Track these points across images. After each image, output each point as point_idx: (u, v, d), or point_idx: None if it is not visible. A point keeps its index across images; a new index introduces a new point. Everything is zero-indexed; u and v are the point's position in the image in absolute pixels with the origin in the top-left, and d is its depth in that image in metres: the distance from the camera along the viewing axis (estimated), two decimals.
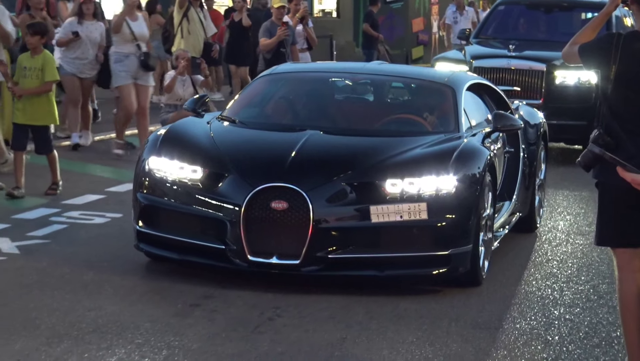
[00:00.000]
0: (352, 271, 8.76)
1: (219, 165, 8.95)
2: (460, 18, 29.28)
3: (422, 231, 8.73)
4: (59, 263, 9.26)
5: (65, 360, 7.16)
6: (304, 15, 19.74)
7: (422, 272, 8.81)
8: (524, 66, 17.08)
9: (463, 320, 8.41)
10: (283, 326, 7.95)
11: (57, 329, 7.80)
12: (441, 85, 10.65)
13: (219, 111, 10.65)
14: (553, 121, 15.86)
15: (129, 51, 15.99)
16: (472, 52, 17.91)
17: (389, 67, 12.28)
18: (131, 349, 7.38)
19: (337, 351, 7.49)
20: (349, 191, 8.75)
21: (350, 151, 9.34)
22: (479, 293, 9.20)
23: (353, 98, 11.24)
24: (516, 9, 19.68)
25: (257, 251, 8.53)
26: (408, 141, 9.49)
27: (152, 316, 8.07)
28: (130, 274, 9.25)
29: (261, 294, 8.69)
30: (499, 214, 10.18)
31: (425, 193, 8.69)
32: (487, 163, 9.20)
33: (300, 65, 14.05)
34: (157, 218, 9.09)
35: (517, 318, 8.62)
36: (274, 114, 10.52)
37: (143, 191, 9.16)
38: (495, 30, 19.11)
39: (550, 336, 8.19)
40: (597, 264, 10.44)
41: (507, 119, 10.20)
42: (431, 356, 7.54)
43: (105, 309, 8.28)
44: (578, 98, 16.75)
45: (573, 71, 16.64)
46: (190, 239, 8.86)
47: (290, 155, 8.96)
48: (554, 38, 17.75)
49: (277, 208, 8.49)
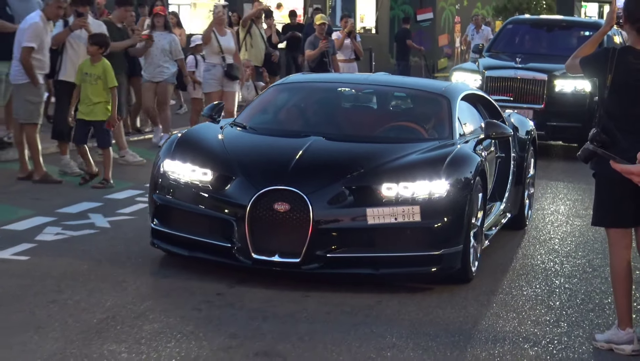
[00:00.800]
0: (349, 269, 8.08)
1: (227, 168, 8.31)
2: (476, 35, 29.40)
3: (415, 232, 8.06)
4: (143, 235, 9.24)
5: (147, 316, 7.16)
6: (351, 30, 19.96)
7: (416, 270, 8.12)
8: (528, 76, 16.92)
9: (479, 287, 8.41)
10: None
11: (141, 290, 7.83)
12: (437, 95, 9.90)
13: (233, 118, 10.03)
14: (553, 123, 16.61)
15: (216, 62, 15.94)
16: (485, 64, 17.74)
17: (390, 78, 11.34)
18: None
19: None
20: (348, 194, 8.08)
21: (350, 157, 8.61)
22: (493, 266, 9.17)
23: (355, 107, 10.53)
24: (522, 28, 19.69)
25: (260, 249, 7.92)
26: (404, 147, 8.78)
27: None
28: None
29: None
30: (490, 215, 9.53)
31: (418, 197, 8.02)
32: (478, 168, 8.52)
33: (309, 76, 13.08)
34: (170, 216, 8.48)
35: (524, 286, 8.60)
36: (282, 121, 9.80)
37: (158, 191, 8.55)
38: (505, 46, 19.01)
39: (552, 302, 8.16)
40: (592, 242, 10.39)
41: (498, 127, 9.46)
42: (451, 317, 7.55)
43: (182, 276, 8.29)
44: (574, 103, 16.69)
45: (571, 80, 16.60)
46: (200, 237, 8.22)
47: (294, 160, 8.30)
48: (555, 52, 17.88)
49: (280, 209, 7.89)
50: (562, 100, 16.72)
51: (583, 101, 16.62)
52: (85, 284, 7.89)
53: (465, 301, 7.97)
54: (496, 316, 7.64)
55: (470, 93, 10.47)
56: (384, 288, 8.09)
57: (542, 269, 9.25)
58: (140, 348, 6.49)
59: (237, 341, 6.73)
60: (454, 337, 7.07)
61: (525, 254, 9.83)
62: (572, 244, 10.37)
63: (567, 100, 16.72)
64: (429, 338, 6.99)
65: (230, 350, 6.54)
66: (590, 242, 10.39)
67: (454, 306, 7.78)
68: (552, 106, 16.70)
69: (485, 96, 10.91)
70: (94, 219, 10.33)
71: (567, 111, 16.59)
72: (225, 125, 9.35)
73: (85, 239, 9.43)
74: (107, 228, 10.02)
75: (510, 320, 7.58)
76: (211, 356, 6.40)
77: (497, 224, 9.89)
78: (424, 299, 7.93)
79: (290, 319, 7.22)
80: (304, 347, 6.68)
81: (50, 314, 7.11)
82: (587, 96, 16.57)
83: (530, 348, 6.94)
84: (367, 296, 7.90)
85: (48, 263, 8.51)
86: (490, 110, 10.68)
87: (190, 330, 6.92)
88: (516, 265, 9.32)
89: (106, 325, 6.91)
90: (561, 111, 16.63)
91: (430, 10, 35.09)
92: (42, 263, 8.53)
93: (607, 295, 8.18)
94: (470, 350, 6.82)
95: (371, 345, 6.78)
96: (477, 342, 7.00)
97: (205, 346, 6.59)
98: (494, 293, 8.32)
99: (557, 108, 16.67)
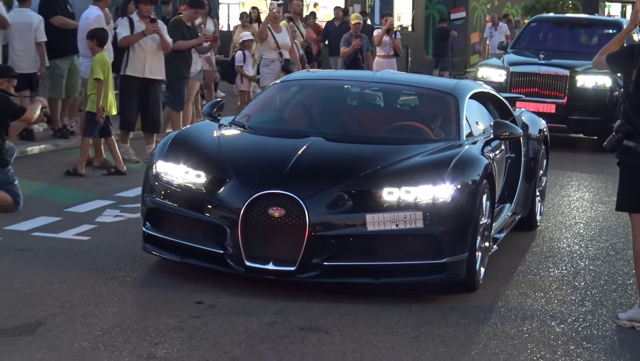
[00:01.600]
0: (347, 278, 7.16)
1: (221, 170, 7.38)
2: (495, 33, 29.38)
3: (418, 239, 7.13)
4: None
5: (197, 293, 7.18)
6: (390, 27, 19.92)
7: (418, 280, 7.24)
8: (551, 71, 16.64)
9: (508, 268, 8.46)
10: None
11: (192, 268, 7.67)
12: (444, 94, 8.80)
13: (233, 116, 8.92)
14: (575, 117, 16.35)
15: (274, 57, 15.99)
16: (509, 60, 17.49)
17: (396, 75, 10.24)
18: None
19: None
20: (346, 199, 7.10)
21: (350, 159, 7.66)
22: (522, 248, 9.25)
23: (359, 106, 9.31)
24: (545, 26, 19.39)
25: (254, 256, 7.02)
26: (408, 148, 7.79)
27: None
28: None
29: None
30: (498, 218, 8.65)
31: (421, 202, 7.09)
32: (485, 172, 7.57)
33: (312, 73, 11.72)
34: (162, 220, 7.56)
35: (551, 267, 8.63)
36: (282, 121, 8.81)
37: (150, 193, 7.64)
38: (529, 43, 18.73)
39: (577, 282, 8.21)
40: (615, 226, 10.42)
41: (507, 127, 8.47)
42: (483, 296, 7.58)
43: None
44: (595, 98, 16.41)
45: (592, 76, 16.40)
46: (191, 243, 7.31)
47: (290, 162, 7.35)
48: (576, 49, 17.91)
49: (274, 215, 6.96)
50: (584, 95, 16.46)
51: (603, 95, 16.37)
52: (142, 262, 7.93)
53: (496, 281, 8.03)
54: (525, 296, 7.72)
55: (479, 91, 9.43)
56: None
57: (567, 252, 9.29)
58: (195, 322, 6.57)
59: (282, 317, 6.70)
60: (485, 315, 7.16)
61: (552, 237, 9.87)
62: (596, 228, 10.39)
63: (588, 95, 16.45)
64: (462, 316, 7.07)
65: (276, 325, 6.52)
66: (613, 227, 10.41)
67: (485, 286, 7.80)
68: (574, 100, 16.43)
69: (496, 94, 9.87)
70: None
71: (588, 105, 16.35)
72: (224, 124, 8.45)
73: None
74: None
75: (538, 299, 7.65)
76: (258, 330, 6.38)
77: (507, 226, 9.06)
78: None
79: (334, 296, 7.20)
80: (344, 323, 6.66)
81: (109, 290, 7.22)
82: (608, 91, 16.37)
83: (557, 325, 7.01)
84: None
85: (107, 243, 8.63)
86: (500, 109, 9.72)
87: (240, 304, 6.99)
88: (543, 248, 9.38)
89: (161, 301, 6.91)
90: (582, 105, 16.38)
91: (463, 10, 35.22)
92: (102, 243, 8.65)
93: (630, 277, 8.24)
94: (501, 327, 6.92)
95: (409, 321, 6.82)
96: (507, 319, 7.10)
97: (253, 320, 6.60)
98: (524, 273, 8.42)
99: (579, 102, 16.39)
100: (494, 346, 6.43)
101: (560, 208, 11.50)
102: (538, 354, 6.33)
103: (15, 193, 9.66)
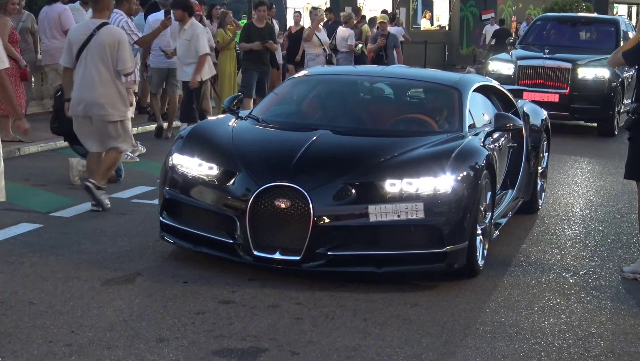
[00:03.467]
0: (351, 267, 6.55)
1: (231, 163, 6.80)
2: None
3: (419, 229, 6.50)
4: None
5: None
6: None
7: (419, 268, 6.59)
8: (555, 65, 16.17)
9: (531, 229, 8.62)
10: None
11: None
12: (449, 87, 8.14)
13: (250, 110, 8.25)
14: (576, 105, 15.99)
15: (319, 52, 16.88)
16: (517, 55, 17.01)
17: (405, 70, 9.25)
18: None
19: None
20: (350, 191, 6.47)
21: (355, 151, 7.01)
22: (541, 212, 9.44)
23: (367, 99, 8.56)
24: (550, 23, 18.82)
25: (262, 246, 6.47)
26: (412, 141, 7.13)
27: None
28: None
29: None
30: (501, 204, 8.04)
31: (423, 193, 6.45)
32: (486, 163, 6.92)
33: (325, 68, 11.13)
34: (178, 210, 7.03)
35: (566, 228, 8.90)
36: (294, 114, 8.11)
37: (167, 184, 7.08)
38: (534, 39, 18.14)
39: (588, 241, 8.47)
40: (621, 194, 10.74)
41: (508, 119, 7.81)
42: (506, 252, 7.70)
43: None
44: (594, 88, 15.99)
45: (592, 68, 16.13)
46: (204, 232, 6.79)
47: (297, 155, 6.75)
48: (577, 45, 17.71)
49: (281, 206, 6.40)
50: (584, 86, 16.07)
51: (602, 86, 16.03)
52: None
53: (519, 240, 8.26)
54: (543, 252, 7.99)
55: (483, 85, 8.74)
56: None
57: (580, 215, 9.61)
58: (267, 275, 6.66)
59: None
60: (509, 268, 7.37)
61: (567, 203, 10.14)
62: (605, 195, 10.68)
63: (589, 86, 16.07)
64: (489, 268, 7.17)
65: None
66: (619, 194, 10.74)
67: (509, 243, 8.09)
68: (575, 90, 16.04)
69: (499, 87, 9.21)
70: None
71: (588, 95, 15.97)
72: (240, 118, 7.81)
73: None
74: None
75: (554, 255, 7.91)
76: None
77: (509, 212, 8.39)
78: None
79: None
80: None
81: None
82: (606, 82, 16.09)
83: (570, 277, 7.20)
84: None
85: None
86: (504, 101, 9.05)
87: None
88: (559, 212, 9.59)
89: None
90: (583, 95, 15.98)
91: (492, 12, 35.25)
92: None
93: (633, 236, 8.55)
94: (522, 278, 7.18)
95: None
96: (528, 272, 7.36)
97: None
98: (542, 233, 8.65)
99: (580, 92, 16.03)
100: (516, 294, 6.64)
101: (574, 177, 11.76)
102: (554, 301, 6.53)
103: (119, 167, 9.78)
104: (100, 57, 8.52)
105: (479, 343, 5.52)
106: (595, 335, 5.77)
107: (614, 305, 6.40)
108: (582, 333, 5.80)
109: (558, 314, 6.15)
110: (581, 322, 6.01)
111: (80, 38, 8.64)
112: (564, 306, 6.31)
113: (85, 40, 8.56)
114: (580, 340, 5.67)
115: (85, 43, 8.56)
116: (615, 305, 6.41)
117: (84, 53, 8.58)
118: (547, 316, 6.10)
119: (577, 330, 5.85)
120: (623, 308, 6.32)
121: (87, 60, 8.55)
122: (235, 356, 5.17)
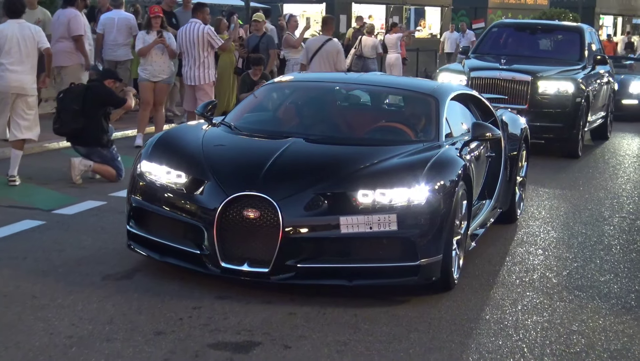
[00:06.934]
0: (321, 280, 5.99)
1: (200, 171, 6.25)
2: (462, 39, 27.90)
3: (392, 242, 5.96)
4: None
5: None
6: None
7: (392, 282, 6.04)
8: (512, 77, 13.48)
9: (513, 231, 8.50)
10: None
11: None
12: (426, 95, 7.57)
13: (223, 116, 7.74)
14: (536, 123, 12.87)
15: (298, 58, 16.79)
16: (470, 65, 14.27)
17: (382, 78, 8.82)
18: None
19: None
20: (321, 201, 5.94)
21: (327, 161, 6.42)
22: (526, 214, 9.32)
23: (342, 107, 7.95)
24: (507, 31, 16.09)
25: (229, 257, 5.95)
26: (387, 150, 6.59)
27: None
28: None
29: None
30: (478, 215, 7.50)
31: (396, 204, 5.92)
32: (462, 173, 6.38)
33: (301, 75, 10.47)
34: (145, 219, 6.47)
35: (550, 230, 8.71)
36: (268, 121, 7.59)
37: (134, 193, 6.53)
38: (490, 47, 15.36)
39: (571, 242, 8.32)
40: (603, 198, 10.52)
41: (485, 129, 7.30)
42: (492, 252, 7.65)
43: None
44: (557, 105, 13.46)
45: (554, 81, 13.59)
46: (171, 242, 6.23)
47: (267, 164, 6.21)
48: (537, 54, 15.14)
49: (249, 216, 5.88)
50: (545, 101, 13.49)
51: (566, 102, 13.51)
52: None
53: (505, 241, 8.13)
54: (527, 253, 7.82)
55: (461, 93, 8.17)
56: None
57: (564, 218, 9.38)
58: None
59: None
60: (495, 267, 7.24)
61: (551, 206, 9.98)
62: (588, 200, 10.48)
63: (550, 101, 13.50)
64: (475, 268, 7.06)
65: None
66: (602, 198, 10.53)
67: (494, 244, 7.95)
68: (535, 106, 13.38)
69: (478, 96, 8.63)
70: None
71: (549, 112, 13.43)
72: (213, 125, 7.30)
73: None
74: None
75: (538, 255, 7.76)
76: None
77: (486, 222, 7.83)
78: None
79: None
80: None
81: None
82: (570, 98, 13.51)
83: (553, 277, 7.09)
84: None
85: None
86: (482, 110, 8.46)
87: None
88: (544, 214, 9.44)
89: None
90: (544, 112, 13.39)
91: (482, 21, 35.36)
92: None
93: (614, 238, 8.41)
94: (507, 278, 7.01)
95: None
96: (513, 272, 7.18)
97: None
98: (527, 235, 8.49)
99: (540, 109, 13.40)
100: (501, 293, 6.50)
101: (560, 182, 11.57)
102: (538, 299, 6.39)
103: (119, 167, 9.86)
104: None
105: (464, 339, 5.42)
106: (577, 333, 5.67)
107: (595, 304, 6.29)
108: (564, 330, 5.70)
109: (541, 312, 6.05)
110: (563, 320, 5.90)
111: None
112: (547, 305, 6.22)
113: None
114: (562, 337, 5.58)
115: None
116: (596, 303, 6.31)
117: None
118: (530, 314, 5.99)
119: (559, 327, 5.75)
120: (604, 307, 6.24)
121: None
122: (230, 350, 5.05)
